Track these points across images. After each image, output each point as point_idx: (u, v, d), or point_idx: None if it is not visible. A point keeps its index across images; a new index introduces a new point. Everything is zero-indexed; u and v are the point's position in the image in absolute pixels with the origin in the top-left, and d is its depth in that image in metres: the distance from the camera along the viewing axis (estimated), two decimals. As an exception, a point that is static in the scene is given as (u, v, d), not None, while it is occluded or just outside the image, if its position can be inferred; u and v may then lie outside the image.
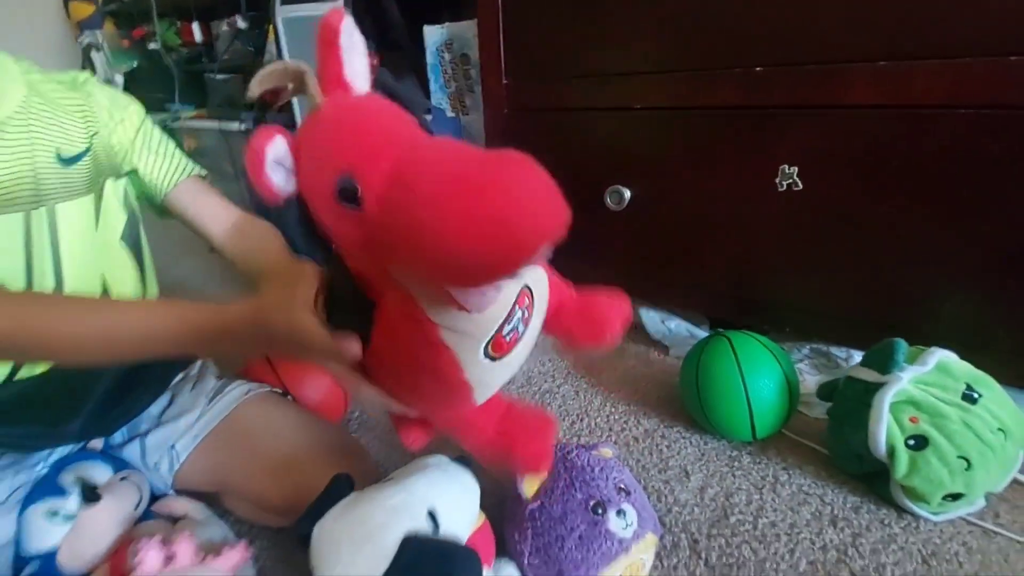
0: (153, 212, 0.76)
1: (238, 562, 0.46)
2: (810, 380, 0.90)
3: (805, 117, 0.78)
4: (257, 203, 0.43)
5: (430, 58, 1.32)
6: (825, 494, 0.72)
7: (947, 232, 0.73)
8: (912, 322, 0.78)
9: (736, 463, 0.78)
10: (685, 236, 0.95)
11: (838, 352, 0.92)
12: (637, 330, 1.14)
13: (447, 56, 1.30)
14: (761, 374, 0.76)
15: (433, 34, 1.29)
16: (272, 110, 1.60)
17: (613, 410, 0.93)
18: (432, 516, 0.46)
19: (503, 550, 0.58)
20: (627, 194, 0.96)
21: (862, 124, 0.74)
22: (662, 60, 0.89)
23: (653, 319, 1.05)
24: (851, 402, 0.69)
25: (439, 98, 1.35)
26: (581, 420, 0.91)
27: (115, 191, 0.68)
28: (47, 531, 0.56)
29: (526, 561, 0.55)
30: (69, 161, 0.62)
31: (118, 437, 0.71)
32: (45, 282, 0.60)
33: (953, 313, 0.75)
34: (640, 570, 0.55)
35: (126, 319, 0.44)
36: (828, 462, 0.76)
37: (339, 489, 0.47)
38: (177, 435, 0.67)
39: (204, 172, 0.77)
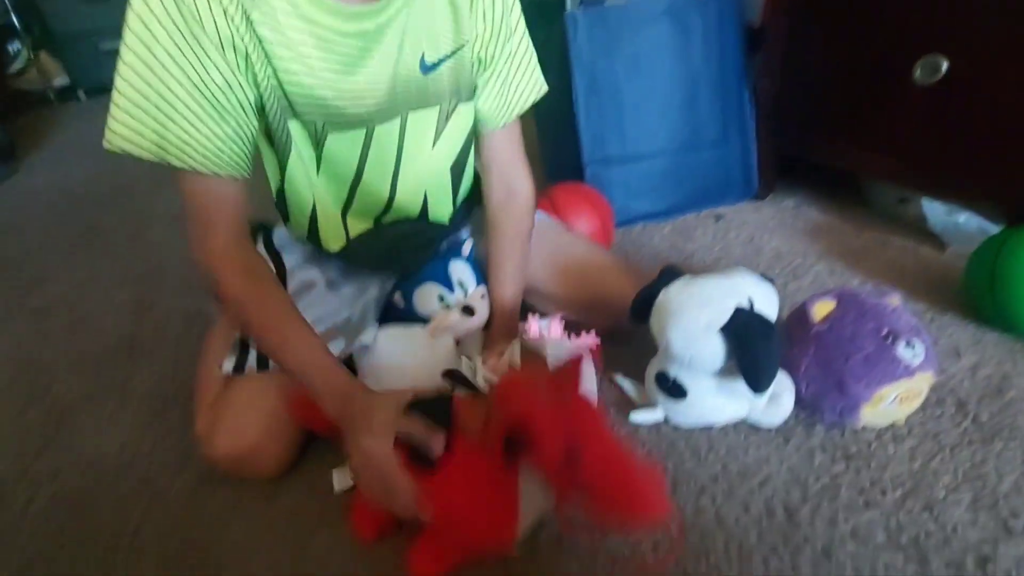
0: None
1: (592, 344, 0.62)
2: None
3: None
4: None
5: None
6: None
7: None
8: None
9: (1020, 356, 0.76)
10: (1005, 118, 0.85)
11: None
12: (904, 223, 1.08)
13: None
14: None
15: None
16: None
17: (874, 291, 0.93)
18: (750, 301, 0.57)
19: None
20: (944, 66, 0.88)
21: None
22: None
23: (937, 211, 0.99)
24: None
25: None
26: (838, 292, 0.94)
27: (463, 118, 0.67)
28: (434, 309, 0.72)
29: (802, 371, 0.65)
30: (430, 68, 0.60)
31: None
32: (378, 187, 0.65)
33: None
34: (916, 397, 0.62)
35: (300, 360, 0.56)
36: None
37: (673, 272, 0.61)
38: None
39: (543, 91, 0.72)
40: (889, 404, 0.61)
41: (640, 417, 0.69)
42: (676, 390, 0.64)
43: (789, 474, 0.62)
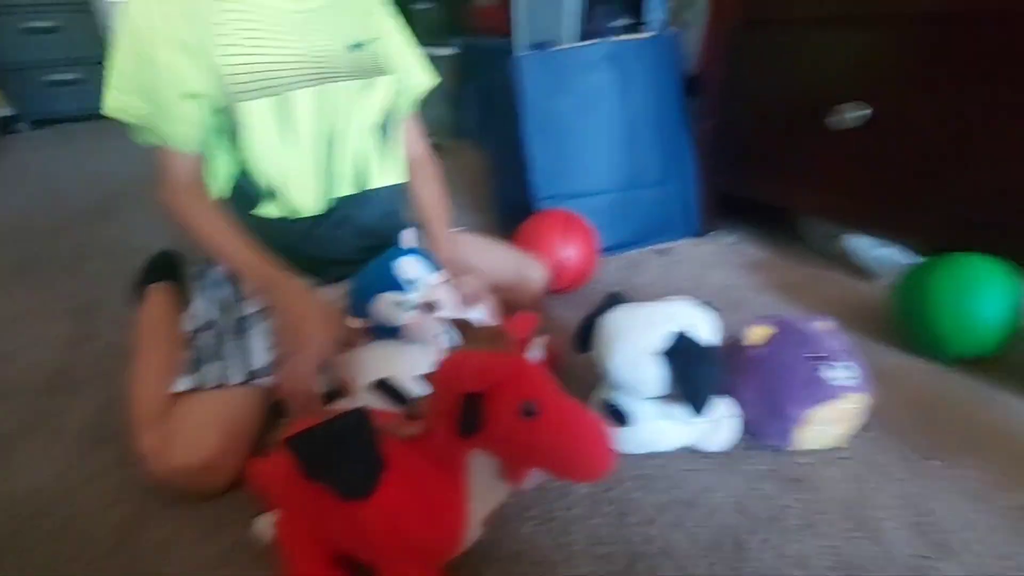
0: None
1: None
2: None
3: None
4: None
5: (656, -25, 1.37)
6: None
7: None
8: None
9: (947, 380, 0.81)
10: (923, 158, 0.92)
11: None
12: (833, 259, 1.16)
13: (674, -27, 1.34)
14: (983, 293, 0.77)
15: (664, -49, 1.33)
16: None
17: (807, 318, 0.98)
18: (689, 327, 0.59)
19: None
20: (859, 113, 0.97)
21: None
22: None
23: (862, 246, 1.06)
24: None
25: (656, 15, 1.40)
26: (777, 322, 0.98)
27: (385, 88, 0.80)
28: (395, 316, 0.68)
29: (742, 397, 0.68)
30: (355, 47, 0.77)
31: None
32: (345, 146, 0.77)
33: None
34: (849, 419, 0.64)
35: (228, 252, 0.72)
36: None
37: (614, 299, 0.64)
38: None
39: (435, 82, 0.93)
40: (822, 426, 0.64)
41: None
42: (620, 416, 0.65)
43: (736, 503, 0.63)
